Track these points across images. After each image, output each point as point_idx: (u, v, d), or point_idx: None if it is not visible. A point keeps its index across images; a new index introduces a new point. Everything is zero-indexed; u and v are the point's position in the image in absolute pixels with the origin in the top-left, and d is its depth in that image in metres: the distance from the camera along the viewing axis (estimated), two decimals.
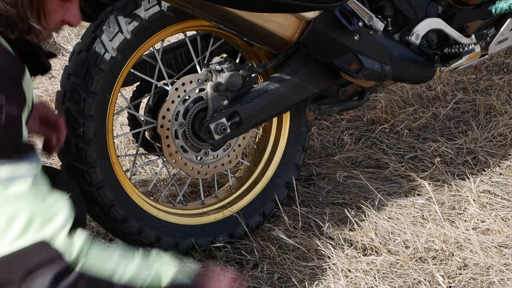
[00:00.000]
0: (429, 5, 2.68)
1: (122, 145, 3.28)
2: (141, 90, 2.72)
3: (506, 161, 3.00)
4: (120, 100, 3.53)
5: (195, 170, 2.56)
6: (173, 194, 2.89)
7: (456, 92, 3.58)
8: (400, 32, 2.68)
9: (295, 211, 2.70)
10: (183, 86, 2.45)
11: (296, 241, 2.55)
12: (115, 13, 2.34)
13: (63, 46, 4.48)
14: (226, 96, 2.46)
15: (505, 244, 2.50)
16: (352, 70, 2.50)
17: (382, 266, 2.42)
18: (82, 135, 2.32)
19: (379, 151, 3.14)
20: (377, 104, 3.46)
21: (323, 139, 3.28)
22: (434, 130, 3.28)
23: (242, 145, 2.63)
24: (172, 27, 2.42)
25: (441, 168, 2.96)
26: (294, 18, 2.34)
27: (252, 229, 2.66)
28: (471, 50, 2.69)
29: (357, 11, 2.40)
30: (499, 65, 3.81)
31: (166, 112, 2.44)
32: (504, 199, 2.75)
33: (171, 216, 2.55)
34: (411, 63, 2.64)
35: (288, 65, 2.53)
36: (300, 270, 2.44)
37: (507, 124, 3.22)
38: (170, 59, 2.67)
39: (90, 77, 2.31)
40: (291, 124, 2.74)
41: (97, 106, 2.33)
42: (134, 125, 2.73)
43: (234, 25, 2.31)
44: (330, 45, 2.44)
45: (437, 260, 2.45)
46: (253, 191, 2.71)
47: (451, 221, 2.64)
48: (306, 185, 2.94)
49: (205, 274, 1.76)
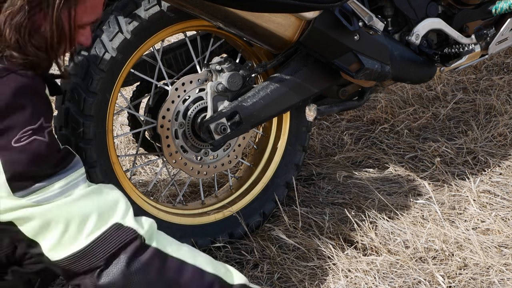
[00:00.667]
0: (429, 5, 2.68)
1: (122, 145, 3.28)
2: (141, 90, 2.72)
3: (506, 161, 3.00)
4: (120, 100, 3.53)
5: (195, 170, 2.56)
6: (173, 194, 2.89)
7: (456, 92, 3.58)
8: (400, 32, 2.68)
9: (295, 211, 2.70)
10: (183, 86, 2.45)
11: (296, 241, 2.55)
12: (115, 13, 2.34)
13: None
14: (226, 96, 2.46)
15: (505, 244, 2.50)
16: (352, 70, 2.50)
17: (382, 266, 2.42)
18: (82, 135, 2.32)
19: (379, 151, 3.14)
20: (377, 104, 3.46)
21: (323, 139, 3.28)
22: (434, 130, 3.28)
23: (242, 145, 2.63)
24: (172, 27, 2.41)
25: (441, 168, 2.96)
26: (294, 18, 2.34)
27: (252, 229, 2.66)
28: (471, 50, 2.69)
29: (357, 11, 2.40)
30: (499, 65, 3.82)
31: (166, 112, 2.44)
32: (504, 199, 2.75)
33: (171, 216, 2.55)
34: (411, 63, 2.64)
35: (288, 65, 2.53)
36: (300, 270, 2.44)
37: (507, 124, 3.22)
38: (170, 59, 2.67)
39: (90, 77, 2.31)
40: (291, 124, 2.74)
41: (97, 106, 2.33)
42: (134, 125, 2.73)
43: (234, 25, 2.31)
44: (330, 45, 2.44)
45: (437, 260, 2.45)
46: (253, 191, 2.71)
47: (451, 221, 2.64)
48: (306, 185, 2.94)
49: None
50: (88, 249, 1.74)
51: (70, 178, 1.75)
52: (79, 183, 1.77)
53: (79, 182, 1.77)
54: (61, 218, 1.73)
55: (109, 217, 1.77)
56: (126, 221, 1.78)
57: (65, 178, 1.74)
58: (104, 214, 1.76)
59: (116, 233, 1.76)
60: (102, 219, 1.76)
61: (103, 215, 1.76)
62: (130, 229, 1.78)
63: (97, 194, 1.78)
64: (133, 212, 1.81)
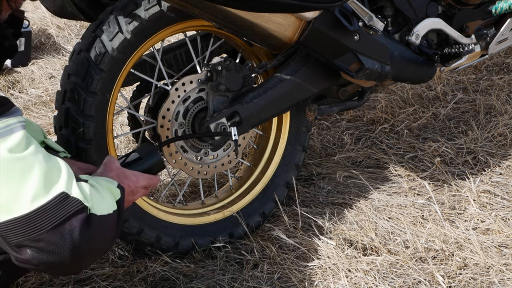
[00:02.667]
0: (429, 5, 2.68)
1: (122, 145, 3.28)
2: (141, 90, 2.72)
3: (506, 161, 3.00)
4: (120, 100, 3.53)
5: (195, 170, 2.56)
6: (173, 194, 2.89)
7: (456, 92, 3.58)
8: (400, 32, 2.68)
9: (295, 211, 2.70)
10: (183, 86, 2.45)
11: (296, 241, 2.55)
12: (115, 13, 2.34)
13: (63, 46, 4.48)
14: (226, 96, 2.46)
15: (505, 244, 2.50)
16: (352, 70, 2.50)
17: (382, 266, 2.42)
18: (82, 135, 2.32)
19: (379, 151, 3.14)
20: (377, 104, 3.46)
21: (323, 139, 3.28)
22: (434, 130, 3.28)
23: (242, 145, 2.63)
24: (172, 27, 2.41)
25: (441, 168, 2.96)
26: (294, 18, 2.34)
27: (252, 229, 2.66)
28: (471, 50, 2.69)
29: (357, 11, 2.40)
30: (499, 65, 3.82)
31: (166, 112, 2.44)
32: (504, 199, 2.75)
33: (171, 216, 2.55)
34: (411, 63, 2.64)
35: (288, 65, 2.53)
36: (300, 270, 2.44)
37: (507, 124, 3.22)
38: (170, 59, 2.67)
39: (90, 77, 2.31)
40: (291, 124, 2.74)
41: (97, 106, 2.33)
42: (134, 125, 2.73)
43: (234, 25, 2.31)
44: (330, 45, 2.44)
45: (437, 260, 2.45)
46: (253, 191, 2.71)
47: (451, 221, 2.64)
48: (306, 185, 2.94)
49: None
50: (33, 216, 1.64)
51: (7, 122, 1.65)
52: (17, 128, 1.65)
53: (18, 128, 1.65)
54: (1, 172, 1.62)
55: (54, 182, 1.67)
56: (72, 191, 1.69)
57: (2, 122, 1.64)
58: (49, 179, 1.66)
59: (62, 203, 1.66)
60: (48, 184, 1.66)
61: (49, 179, 1.66)
62: (76, 200, 1.69)
63: (45, 156, 1.69)
64: (75, 178, 1.73)
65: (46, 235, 1.65)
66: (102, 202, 1.76)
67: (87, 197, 1.72)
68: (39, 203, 1.64)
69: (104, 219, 1.74)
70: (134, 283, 2.40)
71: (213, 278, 2.40)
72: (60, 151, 2.11)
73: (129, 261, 2.50)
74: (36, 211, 1.64)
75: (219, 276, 2.41)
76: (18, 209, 1.63)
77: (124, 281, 2.41)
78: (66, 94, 2.33)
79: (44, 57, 4.32)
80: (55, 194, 1.66)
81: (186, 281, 2.40)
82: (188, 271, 2.45)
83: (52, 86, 3.92)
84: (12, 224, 1.64)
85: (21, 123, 1.67)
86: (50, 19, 4.67)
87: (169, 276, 2.43)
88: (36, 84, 3.99)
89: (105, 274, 2.43)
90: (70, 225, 1.67)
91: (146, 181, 1.96)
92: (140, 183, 1.93)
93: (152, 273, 2.43)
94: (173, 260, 2.50)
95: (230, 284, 2.38)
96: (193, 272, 2.45)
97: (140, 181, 1.94)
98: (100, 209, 1.74)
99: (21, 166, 1.64)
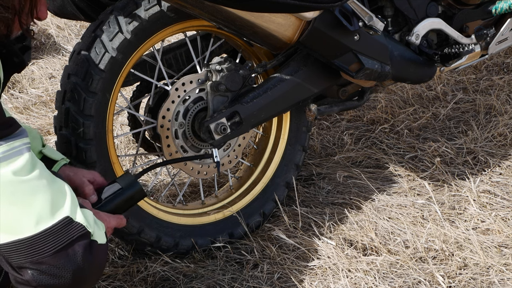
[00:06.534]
0: (429, 5, 2.68)
1: (122, 145, 3.28)
2: (141, 90, 2.72)
3: (506, 161, 3.00)
4: (120, 100, 3.53)
5: (195, 170, 2.56)
6: (173, 194, 2.89)
7: (456, 92, 3.58)
8: (400, 32, 2.68)
9: (295, 211, 2.70)
10: (183, 86, 2.45)
11: (296, 241, 2.55)
12: (115, 13, 2.34)
13: (63, 46, 4.48)
14: (226, 96, 2.46)
15: (505, 244, 2.50)
16: (352, 70, 2.51)
17: (382, 266, 2.42)
18: (82, 135, 2.32)
19: (379, 151, 3.14)
20: (377, 104, 3.46)
21: (323, 139, 3.28)
22: (434, 130, 3.28)
23: (242, 145, 2.63)
24: (172, 27, 2.42)
25: (441, 168, 2.96)
26: (294, 18, 2.34)
27: (252, 229, 2.66)
28: (471, 50, 2.69)
29: (357, 11, 2.40)
30: (499, 65, 3.82)
31: (166, 112, 2.44)
32: (504, 199, 2.75)
33: (171, 216, 2.55)
34: (411, 63, 2.64)
35: (288, 65, 2.53)
36: (300, 270, 2.44)
37: (507, 124, 3.22)
38: (170, 59, 2.67)
39: (90, 77, 2.31)
40: (291, 124, 2.74)
41: (97, 106, 2.33)
42: (134, 125, 2.73)
43: (234, 25, 2.31)
44: (330, 45, 2.44)
45: (437, 260, 2.45)
46: (253, 191, 2.71)
47: (451, 221, 2.64)
48: (306, 185, 2.94)
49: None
50: (37, 239, 1.66)
51: (13, 144, 1.66)
52: (23, 151, 1.68)
53: (23, 150, 1.68)
54: (6, 194, 1.64)
55: (59, 206, 1.69)
56: (76, 216, 1.72)
57: (7, 144, 1.66)
58: (55, 202, 1.69)
59: (66, 227, 1.69)
60: (54, 208, 1.68)
61: (55, 203, 1.69)
62: (80, 225, 1.72)
63: (50, 180, 1.70)
64: (78, 204, 1.76)
65: (49, 258, 1.67)
66: (100, 230, 1.80)
67: (90, 223, 1.75)
68: (44, 226, 1.67)
69: (103, 248, 1.78)
70: (134, 283, 2.40)
71: (213, 278, 2.40)
72: (59, 159, 2.12)
73: (129, 261, 2.50)
74: (41, 234, 1.66)
75: (219, 276, 2.41)
76: (22, 231, 1.66)
77: (124, 281, 2.41)
78: (66, 94, 2.33)
79: (44, 57, 4.32)
80: (60, 218, 1.69)
81: (186, 281, 2.41)
82: (188, 271, 2.45)
83: (52, 86, 3.92)
84: (16, 246, 1.66)
85: (26, 145, 1.69)
86: (50, 19, 4.67)
87: (169, 276, 2.43)
88: (36, 84, 3.99)
89: (105, 274, 2.43)
90: (73, 250, 1.70)
91: (116, 222, 1.97)
92: (111, 224, 1.95)
93: (152, 273, 2.43)
94: (173, 260, 2.50)
95: (230, 284, 2.38)
96: (193, 272, 2.45)
97: (111, 221, 1.96)
98: (99, 237, 1.78)
99: (26, 189, 1.66)
